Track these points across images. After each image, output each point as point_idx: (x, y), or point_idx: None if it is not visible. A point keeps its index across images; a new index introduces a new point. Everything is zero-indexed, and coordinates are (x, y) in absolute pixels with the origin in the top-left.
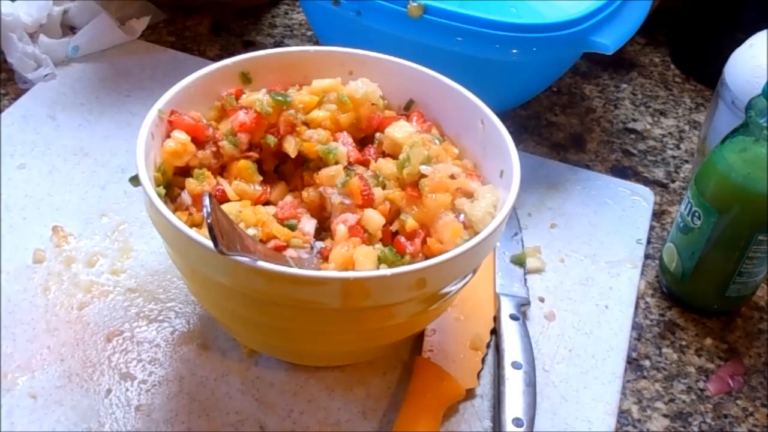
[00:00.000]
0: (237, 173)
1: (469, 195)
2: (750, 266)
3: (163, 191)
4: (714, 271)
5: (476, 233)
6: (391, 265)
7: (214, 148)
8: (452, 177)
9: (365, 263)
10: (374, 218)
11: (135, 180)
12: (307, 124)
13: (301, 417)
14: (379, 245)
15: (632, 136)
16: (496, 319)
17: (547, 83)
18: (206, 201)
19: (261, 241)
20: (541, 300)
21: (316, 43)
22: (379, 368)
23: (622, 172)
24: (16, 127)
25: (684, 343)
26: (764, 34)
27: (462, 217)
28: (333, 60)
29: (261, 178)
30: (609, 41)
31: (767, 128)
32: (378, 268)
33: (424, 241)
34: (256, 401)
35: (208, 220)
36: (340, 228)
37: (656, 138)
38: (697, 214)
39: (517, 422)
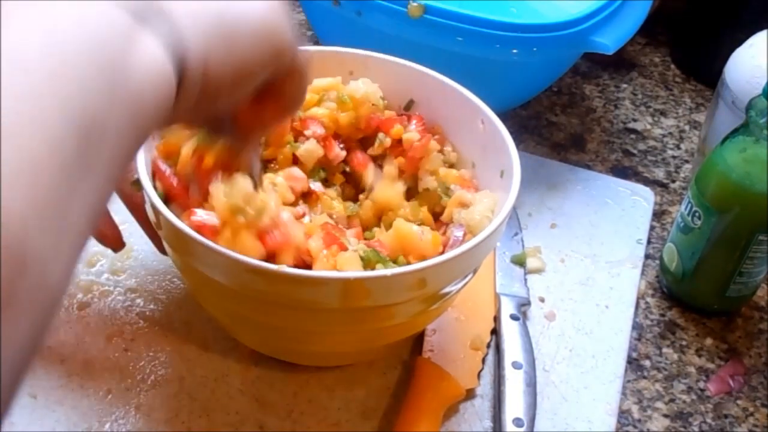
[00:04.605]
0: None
1: (466, 206)
2: (750, 266)
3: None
4: (714, 271)
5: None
6: (375, 265)
7: None
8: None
9: (350, 269)
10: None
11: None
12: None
13: (301, 417)
14: (361, 245)
15: (632, 136)
16: (497, 319)
17: (547, 83)
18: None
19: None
20: (542, 300)
21: (316, 43)
22: (379, 368)
23: (622, 172)
24: None
25: (684, 343)
26: (764, 34)
27: (462, 229)
28: (333, 60)
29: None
30: (609, 41)
31: (767, 128)
32: (363, 270)
33: None
34: (256, 401)
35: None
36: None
37: (656, 138)
38: (697, 214)
39: (517, 422)
